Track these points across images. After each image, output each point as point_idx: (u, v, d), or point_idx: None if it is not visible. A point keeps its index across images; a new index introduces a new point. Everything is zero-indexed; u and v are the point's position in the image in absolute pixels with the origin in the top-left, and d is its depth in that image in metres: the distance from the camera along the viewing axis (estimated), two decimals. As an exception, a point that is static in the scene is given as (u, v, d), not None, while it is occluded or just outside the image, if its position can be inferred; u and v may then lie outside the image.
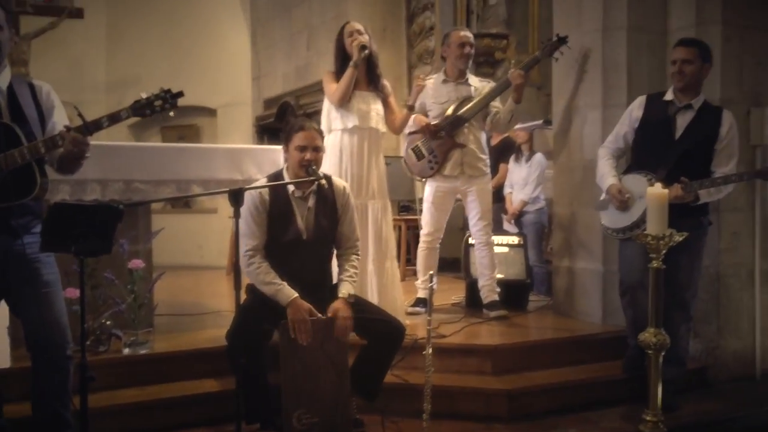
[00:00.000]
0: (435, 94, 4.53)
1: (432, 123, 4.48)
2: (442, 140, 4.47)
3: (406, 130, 4.58)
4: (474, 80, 4.62)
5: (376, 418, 3.41)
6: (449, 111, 4.47)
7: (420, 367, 3.42)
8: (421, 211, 4.84)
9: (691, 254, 3.59)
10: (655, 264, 2.77)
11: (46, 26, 8.66)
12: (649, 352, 2.79)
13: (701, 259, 3.76)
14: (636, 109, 3.82)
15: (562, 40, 4.43)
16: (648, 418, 2.79)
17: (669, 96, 3.71)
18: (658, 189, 2.78)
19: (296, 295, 3.15)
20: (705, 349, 4.25)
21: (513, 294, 4.85)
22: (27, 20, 8.56)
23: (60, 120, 2.76)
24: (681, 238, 2.77)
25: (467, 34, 4.57)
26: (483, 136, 4.63)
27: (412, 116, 4.47)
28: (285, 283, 3.17)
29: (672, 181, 3.39)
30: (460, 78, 4.55)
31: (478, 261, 4.65)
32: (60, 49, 9.14)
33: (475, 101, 4.45)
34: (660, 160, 3.61)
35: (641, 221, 3.51)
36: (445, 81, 4.55)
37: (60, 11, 8.90)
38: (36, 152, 2.56)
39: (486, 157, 4.61)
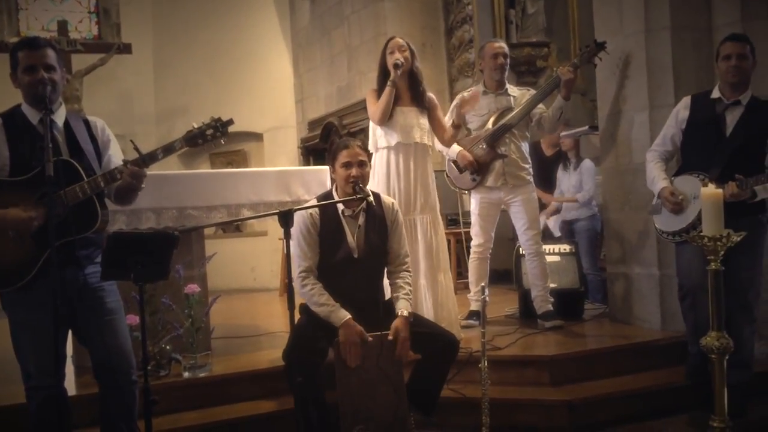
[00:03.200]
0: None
1: (473, 135, 4.54)
2: (483, 151, 4.48)
3: (446, 154, 4.59)
4: (513, 90, 4.63)
5: (435, 433, 3.40)
6: (490, 122, 4.48)
7: (476, 380, 3.39)
8: (467, 223, 4.83)
9: (751, 254, 3.50)
10: (713, 266, 2.69)
11: (96, 63, 8.94)
12: (712, 356, 2.71)
13: (762, 258, 3.66)
14: (682, 110, 3.76)
15: (600, 46, 4.41)
16: (715, 425, 2.70)
17: (716, 94, 3.64)
18: (712, 189, 2.72)
19: (349, 316, 3.17)
20: (771, 352, 4.11)
21: (567, 303, 4.78)
22: (78, 58, 8.85)
23: (115, 153, 2.86)
24: (739, 239, 2.68)
25: (501, 44, 4.60)
26: (525, 146, 4.60)
27: (456, 151, 4.47)
28: (338, 305, 3.20)
29: (725, 180, 3.32)
30: (499, 89, 4.57)
31: (530, 271, 4.60)
32: (110, 84, 9.43)
33: (518, 108, 4.46)
34: (711, 159, 3.54)
35: (697, 222, 3.43)
36: (484, 93, 4.55)
37: (109, 48, 9.20)
38: (96, 186, 2.64)
39: (529, 166, 4.59)
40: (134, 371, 2.81)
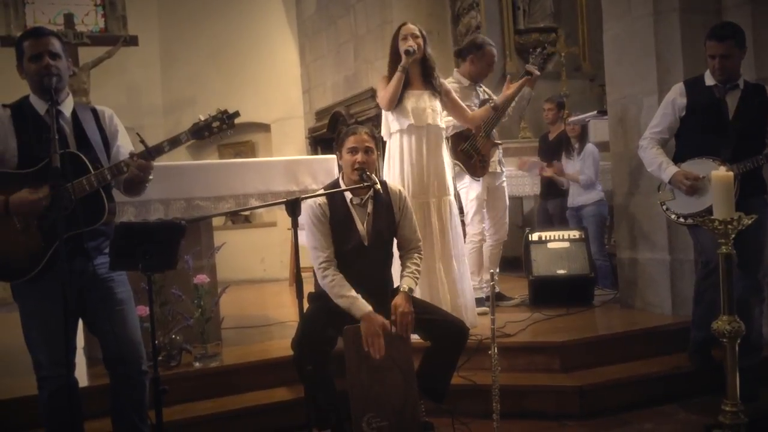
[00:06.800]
0: (461, 97, 4.52)
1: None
2: (485, 140, 4.62)
3: (451, 133, 4.63)
4: (482, 86, 4.84)
5: (446, 421, 3.39)
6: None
7: (487, 367, 3.38)
8: None
9: (757, 234, 3.49)
10: (724, 249, 2.67)
11: (103, 56, 8.96)
12: (724, 340, 2.69)
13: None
14: (678, 97, 3.73)
15: (542, 50, 4.93)
16: (727, 408, 2.67)
17: (710, 81, 3.63)
18: (722, 171, 2.69)
19: (370, 309, 3.15)
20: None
21: (577, 289, 4.77)
22: (85, 51, 8.86)
23: (124, 143, 2.85)
24: (750, 221, 2.66)
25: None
26: None
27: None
28: (359, 296, 3.19)
29: (736, 161, 3.34)
30: (476, 83, 4.77)
31: (491, 257, 4.79)
32: (117, 76, 9.44)
33: (506, 100, 4.61)
34: (719, 142, 3.53)
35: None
36: (469, 85, 4.70)
37: (115, 40, 9.21)
38: (103, 179, 2.64)
39: None
40: (144, 362, 2.82)
